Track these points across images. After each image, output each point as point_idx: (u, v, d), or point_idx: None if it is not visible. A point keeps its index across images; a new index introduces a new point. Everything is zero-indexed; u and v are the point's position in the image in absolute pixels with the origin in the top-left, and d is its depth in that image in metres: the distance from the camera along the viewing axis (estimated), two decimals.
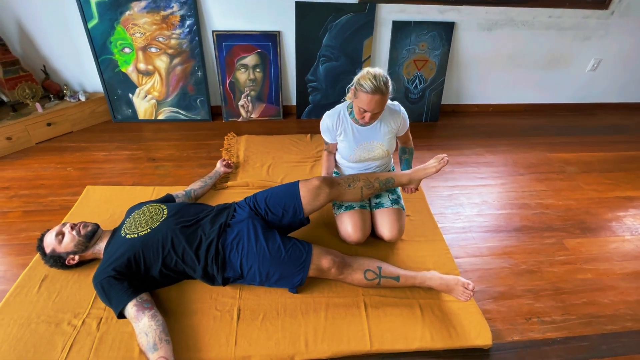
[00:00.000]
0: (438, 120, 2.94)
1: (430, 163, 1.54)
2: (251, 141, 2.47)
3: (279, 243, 1.39)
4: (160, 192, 1.92)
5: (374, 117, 1.47)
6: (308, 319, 1.35)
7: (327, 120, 1.63)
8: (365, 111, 1.43)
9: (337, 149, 1.75)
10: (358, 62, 2.65)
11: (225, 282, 1.40)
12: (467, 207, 2.01)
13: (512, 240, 1.80)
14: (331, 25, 2.50)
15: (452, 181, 2.22)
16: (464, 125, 2.90)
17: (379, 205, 1.68)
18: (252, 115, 2.77)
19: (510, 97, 3.08)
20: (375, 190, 1.55)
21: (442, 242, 1.73)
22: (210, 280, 1.40)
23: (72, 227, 1.42)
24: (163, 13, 2.33)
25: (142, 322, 1.22)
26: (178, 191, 1.81)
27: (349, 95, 1.53)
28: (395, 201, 1.68)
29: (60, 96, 2.50)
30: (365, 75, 1.37)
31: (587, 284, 1.58)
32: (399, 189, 1.80)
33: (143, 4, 2.29)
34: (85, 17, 2.29)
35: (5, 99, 2.31)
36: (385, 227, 1.62)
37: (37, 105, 2.32)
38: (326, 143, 1.74)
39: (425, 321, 1.36)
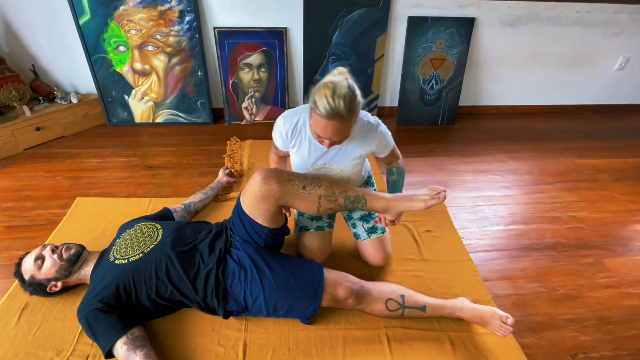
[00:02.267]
0: (455, 124, 2.75)
1: (421, 194, 1.15)
2: (256, 146, 2.29)
3: (286, 269, 1.21)
4: (157, 204, 1.76)
5: (336, 143, 1.14)
6: (324, 357, 1.19)
7: (282, 125, 1.26)
8: (321, 137, 1.10)
9: (287, 155, 1.43)
10: (371, 61, 2.46)
11: (227, 316, 1.23)
12: (494, 220, 1.83)
13: (546, 259, 1.62)
14: (342, 22, 2.32)
15: (475, 191, 2.04)
16: (482, 129, 2.71)
17: (357, 237, 1.49)
18: (257, 118, 2.60)
19: (531, 98, 2.89)
20: (338, 207, 1.17)
21: (469, 263, 1.55)
22: (210, 312, 1.23)
23: (53, 251, 1.25)
24: (160, 8, 2.15)
25: None
26: (176, 205, 1.64)
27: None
28: (372, 230, 1.45)
29: (51, 98, 2.32)
30: (322, 89, 1.00)
31: (636, 312, 1.39)
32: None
33: None
34: (76, 13, 2.11)
35: None
36: (369, 257, 1.47)
37: (25, 108, 2.15)
38: (275, 147, 1.38)
39: (457, 358, 1.19)
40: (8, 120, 2.10)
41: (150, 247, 1.24)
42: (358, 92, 1.05)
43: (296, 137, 1.27)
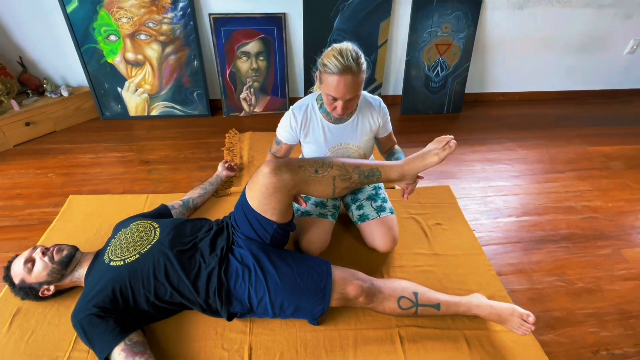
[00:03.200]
0: (460, 112, 2.66)
1: (430, 148, 1.12)
2: (256, 139, 2.20)
3: (292, 267, 1.14)
4: (154, 201, 1.68)
5: (348, 105, 1.16)
6: (334, 358, 1.12)
7: (291, 115, 1.30)
8: (334, 99, 1.13)
9: (287, 156, 1.43)
10: (373, 47, 2.36)
11: (230, 318, 1.16)
12: (505, 211, 1.76)
13: (561, 251, 1.55)
14: (343, 6, 2.21)
15: (484, 181, 1.96)
16: (489, 117, 2.63)
17: (364, 218, 1.44)
18: (256, 110, 2.50)
19: (539, 84, 2.80)
20: (354, 184, 1.13)
21: (482, 256, 1.49)
22: (213, 313, 1.16)
23: (44, 253, 1.18)
24: None
25: None
26: (174, 201, 1.56)
27: (317, 84, 1.23)
28: (380, 208, 1.43)
29: (40, 92, 2.22)
30: (330, 52, 1.09)
31: None
32: (382, 190, 1.53)
33: None
34: (63, 0, 2.00)
35: None
36: (377, 240, 1.40)
37: (13, 102, 2.05)
38: (277, 142, 1.38)
39: (473, 358, 1.13)
40: None
41: (148, 247, 1.17)
42: (361, 52, 1.12)
43: (307, 124, 1.30)
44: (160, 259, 1.13)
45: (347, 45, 1.10)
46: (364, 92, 1.34)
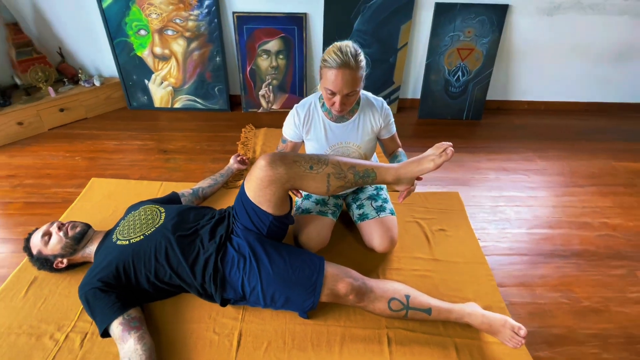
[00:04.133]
0: (481, 119, 2.60)
1: (428, 154, 1.11)
2: (270, 135, 2.26)
3: (286, 259, 1.17)
4: (168, 188, 1.77)
5: (346, 102, 1.18)
6: (319, 353, 1.14)
7: (295, 113, 1.34)
8: (332, 93, 1.15)
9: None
10: (393, 49, 2.35)
11: (224, 304, 1.21)
12: (515, 222, 1.71)
13: (571, 268, 1.49)
14: (364, 7, 2.22)
15: (496, 190, 1.91)
16: (511, 125, 2.55)
17: (363, 217, 1.44)
18: (274, 107, 2.56)
19: (568, 94, 2.67)
20: (348, 184, 1.13)
21: (484, 266, 1.45)
22: (209, 298, 1.21)
23: (60, 228, 1.27)
24: None
25: (127, 345, 1.05)
26: (185, 189, 1.64)
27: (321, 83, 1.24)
28: (380, 208, 1.44)
29: (75, 80, 2.39)
30: (330, 49, 1.13)
31: None
32: (384, 191, 1.52)
33: None
34: None
35: (18, 82, 2.22)
36: (375, 240, 1.40)
37: (50, 89, 2.21)
38: (283, 141, 1.42)
39: None
40: (34, 100, 2.17)
41: (152, 229, 1.23)
42: (361, 51, 1.15)
43: (310, 120, 1.34)
44: (162, 242, 1.19)
45: (347, 43, 1.13)
46: (367, 93, 1.37)
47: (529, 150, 2.26)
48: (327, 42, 2.33)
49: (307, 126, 1.35)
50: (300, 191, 1.20)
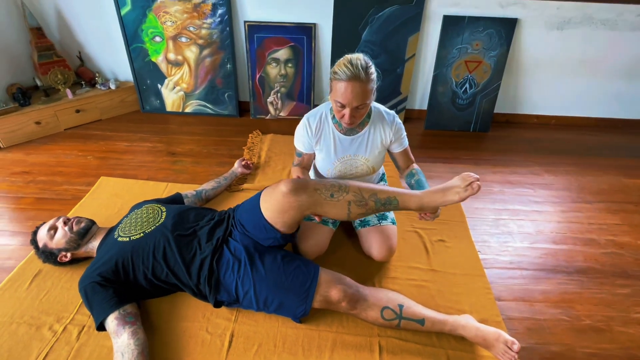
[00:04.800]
0: (489, 131, 2.58)
1: (453, 185, 1.08)
2: (276, 141, 2.29)
3: (280, 264, 1.18)
4: (173, 189, 1.81)
5: (356, 114, 1.17)
6: (310, 358, 1.14)
7: (306, 122, 1.33)
8: (342, 106, 1.14)
9: (311, 165, 1.45)
10: (401, 60, 2.38)
11: (218, 305, 1.22)
12: (517, 236, 1.68)
13: (573, 285, 1.46)
14: (373, 19, 2.26)
15: (500, 203, 1.89)
16: (519, 139, 2.52)
17: (364, 224, 1.44)
18: (281, 114, 2.60)
19: (579, 109, 2.64)
20: (370, 211, 1.13)
21: (482, 278, 1.43)
22: (204, 298, 1.23)
23: (65, 222, 1.32)
24: (195, 1, 2.23)
25: (120, 339, 1.08)
26: (189, 190, 1.68)
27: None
28: (382, 216, 1.44)
29: (92, 84, 2.48)
30: (341, 61, 1.13)
31: None
32: None
33: None
34: (119, 4, 2.23)
35: (38, 83, 2.32)
36: (373, 247, 1.40)
37: (68, 91, 2.31)
38: (298, 154, 1.40)
39: None
40: (52, 101, 2.27)
41: (152, 227, 1.27)
42: (372, 64, 1.14)
43: (320, 131, 1.33)
44: (160, 240, 1.22)
45: (358, 55, 1.13)
46: (380, 106, 1.35)
47: (536, 164, 2.23)
48: (335, 52, 2.37)
49: (318, 136, 1.33)
50: (319, 217, 1.18)
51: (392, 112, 1.36)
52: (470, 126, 2.55)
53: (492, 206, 1.86)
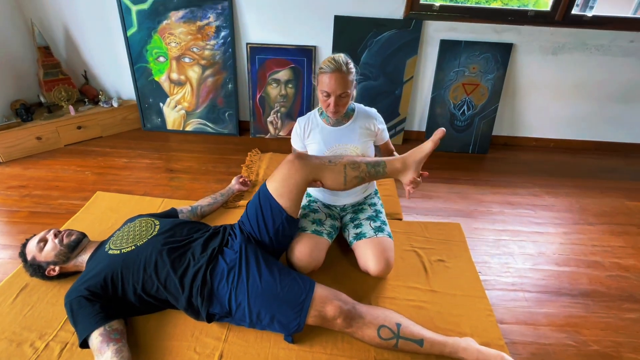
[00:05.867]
0: (487, 153, 2.58)
1: (426, 142, 1.25)
2: (275, 159, 2.29)
3: (277, 275, 1.15)
4: (169, 204, 1.79)
5: (339, 103, 1.31)
6: None
7: (297, 124, 1.50)
8: (327, 95, 1.30)
9: None
10: (399, 82, 2.42)
11: (210, 319, 1.17)
12: (519, 258, 1.64)
13: (578, 308, 1.40)
14: (371, 42, 2.32)
15: (500, 224, 1.85)
16: (518, 161, 2.52)
17: (360, 236, 1.42)
18: (281, 133, 2.62)
19: (578, 132, 2.65)
20: (363, 173, 1.24)
21: (483, 300, 1.38)
22: (194, 313, 1.18)
23: (56, 235, 1.29)
24: (199, 23, 2.30)
25: (103, 357, 1.03)
26: (184, 206, 1.66)
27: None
28: (379, 229, 1.43)
29: (96, 101, 2.52)
30: (326, 59, 1.31)
31: None
32: (383, 215, 1.53)
33: (181, 13, 2.28)
34: (126, 25, 2.31)
35: (42, 100, 2.36)
36: (370, 260, 1.37)
37: (71, 107, 2.34)
38: (294, 152, 1.52)
39: None
40: (54, 117, 2.30)
41: (144, 240, 1.24)
42: (352, 61, 1.31)
43: (310, 128, 1.47)
44: (152, 253, 1.19)
45: (340, 54, 1.30)
46: (361, 106, 1.48)
47: (536, 185, 2.22)
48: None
49: (308, 132, 1.47)
50: (320, 182, 1.27)
51: (374, 110, 1.51)
52: (469, 148, 2.56)
53: (492, 226, 1.83)
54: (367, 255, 1.38)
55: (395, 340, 1.11)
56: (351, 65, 1.30)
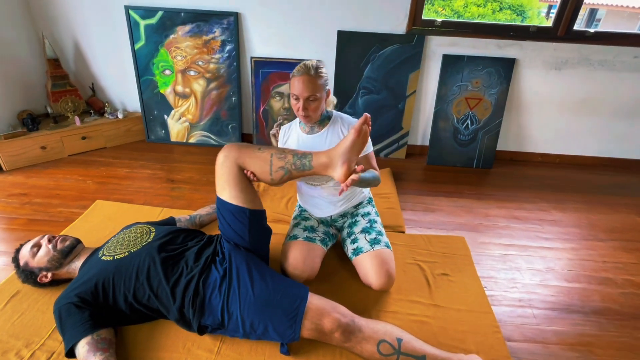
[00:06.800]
0: (492, 168, 2.55)
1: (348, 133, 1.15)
2: None
3: (269, 282, 1.11)
4: (167, 214, 1.77)
5: (308, 107, 1.28)
6: None
7: (282, 130, 1.52)
8: (297, 99, 1.28)
9: None
10: (402, 96, 2.42)
11: (202, 332, 1.13)
12: (526, 273, 1.58)
13: (590, 326, 1.33)
14: (374, 56, 2.34)
15: (507, 238, 1.80)
16: (524, 176, 2.47)
17: (358, 251, 1.38)
18: None
19: (584, 148, 2.61)
20: (288, 165, 1.17)
21: (489, 315, 1.32)
22: (186, 324, 1.14)
23: (50, 240, 1.27)
24: (205, 37, 2.34)
25: None
26: (182, 215, 1.64)
27: None
28: (375, 241, 1.38)
29: (101, 113, 2.56)
30: (299, 65, 1.30)
31: None
32: (378, 225, 1.46)
33: (187, 28, 2.33)
34: (133, 39, 2.36)
35: (49, 110, 2.40)
36: (371, 275, 1.33)
37: (76, 118, 2.37)
38: None
39: None
40: (59, 127, 2.32)
41: (138, 247, 1.21)
42: (324, 67, 1.32)
43: (288, 134, 1.47)
44: (146, 260, 1.16)
45: (312, 60, 1.30)
46: (343, 115, 1.43)
47: (543, 200, 2.17)
48: (337, 87, 2.43)
49: (286, 138, 1.47)
50: (253, 175, 1.21)
51: (355, 119, 1.42)
52: (473, 162, 2.53)
53: (498, 241, 1.78)
54: (367, 270, 1.34)
55: (395, 356, 1.05)
56: (322, 70, 1.28)
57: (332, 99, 1.48)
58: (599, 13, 6.73)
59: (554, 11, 2.27)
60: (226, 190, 1.19)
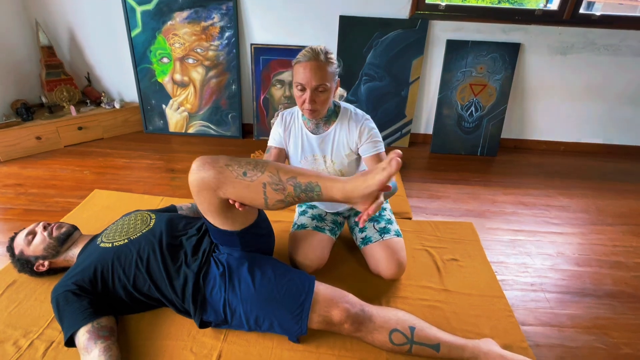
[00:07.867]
0: (496, 155, 2.51)
1: (374, 168, 0.85)
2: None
3: (272, 277, 1.06)
4: (168, 202, 1.72)
5: (316, 99, 1.10)
6: None
7: (281, 116, 1.29)
8: (302, 89, 1.10)
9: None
10: (405, 83, 2.38)
11: (203, 326, 1.08)
12: (537, 258, 1.55)
13: (604, 309, 1.30)
14: (377, 42, 2.29)
15: (515, 224, 1.77)
16: (529, 163, 2.44)
17: (366, 241, 1.33)
18: None
19: (589, 135, 2.58)
20: (290, 198, 0.91)
21: (502, 300, 1.29)
22: (189, 315, 1.09)
23: (45, 227, 1.22)
24: (204, 24, 2.29)
25: (90, 356, 0.95)
26: (184, 203, 1.59)
27: None
28: (384, 230, 1.32)
29: (98, 103, 2.49)
30: (303, 50, 1.13)
31: None
32: (387, 212, 1.39)
33: (185, 14, 2.27)
34: (130, 26, 2.30)
35: (44, 100, 2.33)
36: (381, 264, 1.28)
37: (72, 108, 2.31)
38: (267, 150, 1.31)
39: None
40: (55, 117, 2.26)
41: (138, 234, 1.16)
42: (334, 53, 1.20)
43: (290, 125, 1.28)
44: (146, 248, 1.11)
45: (320, 45, 1.14)
46: (353, 108, 1.27)
47: (550, 187, 2.13)
48: (340, 74, 2.37)
49: (288, 131, 1.28)
50: (242, 205, 0.96)
51: (366, 115, 1.26)
52: (478, 150, 2.49)
53: (507, 226, 1.74)
54: (377, 260, 1.30)
55: (409, 346, 1.01)
56: (332, 55, 1.12)
57: (341, 92, 1.34)
58: (595, 7, 6.71)
59: None
60: (208, 216, 1.03)
